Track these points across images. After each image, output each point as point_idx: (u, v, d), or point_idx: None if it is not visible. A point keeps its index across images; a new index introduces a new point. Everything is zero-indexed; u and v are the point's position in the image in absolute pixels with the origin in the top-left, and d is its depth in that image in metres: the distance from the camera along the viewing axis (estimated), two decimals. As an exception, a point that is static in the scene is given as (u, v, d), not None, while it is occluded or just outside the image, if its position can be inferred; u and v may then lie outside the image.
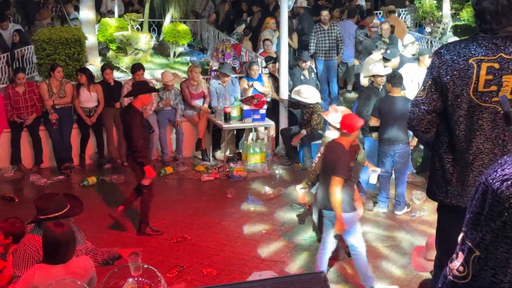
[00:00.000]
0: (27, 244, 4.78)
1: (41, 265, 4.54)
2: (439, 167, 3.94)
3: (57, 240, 4.50)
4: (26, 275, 4.56)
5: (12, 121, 10.37)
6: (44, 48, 12.04)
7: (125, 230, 8.18)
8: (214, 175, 10.35)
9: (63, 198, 5.00)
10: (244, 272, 7.13)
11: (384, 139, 8.64)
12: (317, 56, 13.37)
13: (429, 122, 3.92)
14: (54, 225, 4.57)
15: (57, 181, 10.08)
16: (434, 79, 3.82)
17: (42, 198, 5.03)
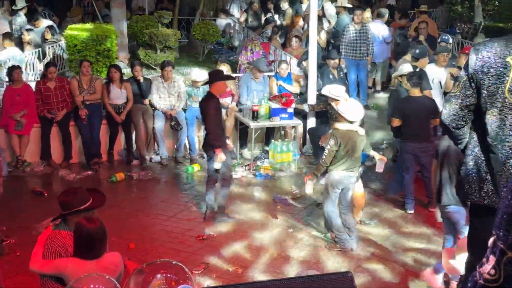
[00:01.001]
0: (54, 240, 4.79)
1: (75, 259, 4.60)
2: (472, 167, 3.88)
3: (91, 236, 4.55)
4: (59, 263, 4.62)
5: (43, 117, 10.48)
6: (75, 45, 12.16)
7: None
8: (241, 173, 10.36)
9: (85, 192, 5.00)
10: (270, 271, 7.13)
11: (407, 138, 8.69)
12: (347, 56, 13.31)
13: (461, 119, 3.88)
14: (87, 221, 4.61)
15: (86, 176, 10.17)
16: (469, 76, 3.77)
17: (64, 193, 5.04)
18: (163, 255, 7.35)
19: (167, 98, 10.91)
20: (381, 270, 7.17)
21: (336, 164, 7.36)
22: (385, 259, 7.45)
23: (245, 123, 10.72)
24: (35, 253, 4.78)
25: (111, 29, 12.82)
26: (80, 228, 4.60)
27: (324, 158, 7.35)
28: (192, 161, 10.85)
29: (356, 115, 7.29)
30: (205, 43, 15.46)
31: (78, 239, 4.62)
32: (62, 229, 4.88)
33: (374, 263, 7.34)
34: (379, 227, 8.34)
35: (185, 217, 8.65)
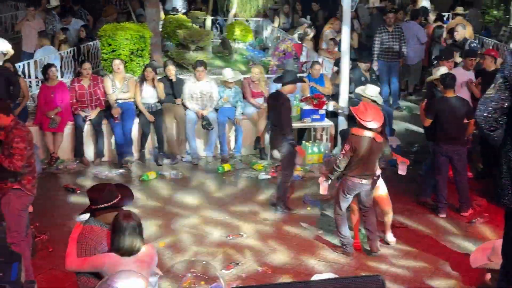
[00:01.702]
0: (87, 236, 4.84)
1: (112, 255, 4.66)
2: (506, 170, 3.83)
3: (130, 232, 4.63)
4: (96, 260, 4.67)
5: (77, 114, 10.61)
6: (109, 44, 12.27)
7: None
8: (272, 173, 10.35)
9: (114, 188, 5.04)
10: (299, 272, 7.13)
11: (441, 140, 8.59)
12: (380, 57, 13.24)
13: (495, 121, 3.83)
14: (124, 217, 4.67)
15: (118, 174, 10.26)
16: (505, 78, 3.72)
17: (93, 188, 5.08)
18: (192, 254, 7.40)
19: (199, 98, 10.96)
20: (410, 273, 7.12)
21: (349, 170, 7.26)
22: (414, 262, 7.39)
23: (277, 124, 10.71)
24: (69, 253, 4.82)
25: (145, 29, 12.92)
26: (117, 223, 4.65)
27: (338, 162, 7.29)
28: (223, 161, 10.87)
29: (374, 122, 7.11)
30: (237, 43, 15.50)
31: (114, 235, 4.68)
32: (93, 224, 4.92)
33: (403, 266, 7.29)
34: (409, 231, 8.27)
35: (215, 216, 8.68)
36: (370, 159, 7.21)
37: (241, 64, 14.97)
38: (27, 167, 6.41)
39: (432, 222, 8.57)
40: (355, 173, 7.23)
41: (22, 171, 6.37)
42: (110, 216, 4.87)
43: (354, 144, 7.14)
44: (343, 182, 7.36)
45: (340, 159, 7.27)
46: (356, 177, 7.23)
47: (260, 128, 11.05)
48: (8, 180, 6.41)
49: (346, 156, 7.19)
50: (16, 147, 6.22)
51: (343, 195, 7.38)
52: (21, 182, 6.42)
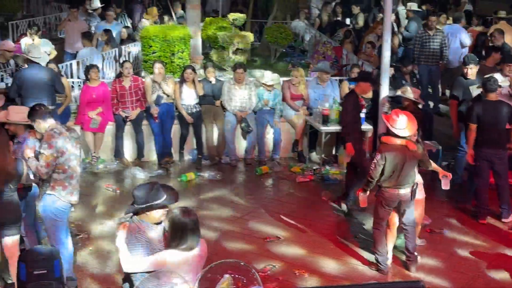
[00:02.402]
0: (138, 236, 4.84)
1: (173, 252, 4.73)
2: None
3: (191, 228, 4.73)
4: (156, 259, 4.72)
5: (117, 115, 10.73)
6: (150, 45, 12.40)
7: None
8: (310, 177, 10.34)
9: (160, 188, 5.05)
10: (336, 276, 7.10)
11: (483, 144, 8.46)
12: (421, 61, 13.11)
13: None
14: (183, 213, 4.77)
15: (157, 175, 10.34)
16: None
17: (140, 187, 5.08)
18: (230, 256, 7.39)
19: (238, 100, 10.99)
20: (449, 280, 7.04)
21: (384, 180, 7.00)
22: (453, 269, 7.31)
23: (315, 127, 10.69)
24: (124, 254, 4.82)
25: (185, 31, 13.02)
26: (177, 220, 4.73)
27: (371, 172, 7.02)
28: (261, 163, 10.88)
29: (406, 129, 6.87)
30: (277, 46, 15.51)
31: (174, 232, 4.74)
32: (138, 222, 4.94)
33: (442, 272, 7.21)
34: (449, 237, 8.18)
35: (253, 219, 8.70)
36: (405, 168, 6.90)
37: (280, 67, 14.97)
38: (61, 173, 6.41)
39: (472, 228, 8.45)
40: (391, 184, 6.97)
41: (54, 177, 6.40)
42: (153, 215, 4.92)
43: (385, 153, 6.90)
44: (380, 194, 7.11)
45: (372, 169, 7.01)
46: (392, 188, 6.98)
47: (298, 131, 11.06)
48: (44, 184, 6.51)
49: (378, 165, 6.92)
50: (42, 153, 6.28)
51: (381, 208, 7.15)
52: (54, 188, 6.44)
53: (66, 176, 6.45)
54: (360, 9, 17.64)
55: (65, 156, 6.38)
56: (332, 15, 17.67)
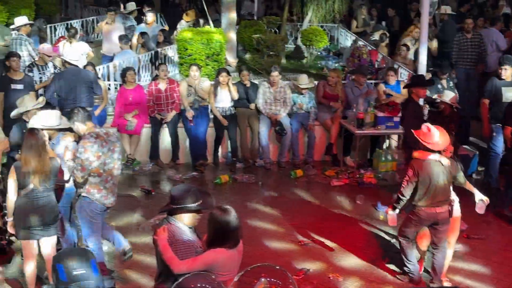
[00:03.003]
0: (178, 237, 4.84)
1: (221, 250, 4.81)
2: None
3: (233, 225, 4.83)
4: (207, 258, 4.78)
5: (153, 117, 10.82)
6: (186, 48, 12.48)
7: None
8: (344, 180, 10.30)
9: (198, 192, 5.07)
10: (370, 281, 7.06)
11: None
12: (458, 65, 12.96)
13: None
14: (224, 211, 4.86)
15: (191, 177, 10.41)
16: None
17: (179, 188, 5.10)
18: (264, 259, 7.41)
19: (273, 103, 11.01)
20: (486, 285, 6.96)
21: (419, 199, 6.64)
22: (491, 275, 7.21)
23: (350, 130, 10.65)
24: (171, 257, 4.81)
25: (220, 34, 13.07)
26: (220, 219, 4.82)
27: (402, 189, 6.68)
28: (296, 166, 10.88)
29: (439, 143, 6.52)
30: (312, 49, 15.49)
31: (218, 230, 4.82)
32: (174, 223, 4.94)
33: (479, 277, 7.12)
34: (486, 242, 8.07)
35: (287, 222, 8.69)
36: (440, 185, 6.53)
37: (315, 70, 14.95)
38: (96, 177, 6.50)
39: (510, 233, 8.33)
40: (428, 202, 6.60)
41: (89, 180, 6.50)
42: (186, 218, 4.96)
43: (417, 169, 6.56)
44: (416, 213, 6.70)
45: (404, 186, 6.67)
46: (429, 206, 6.60)
47: (332, 134, 11.03)
48: (80, 186, 6.60)
49: (410, 182, 6.61)
50: (78, 157, 6.41)
51: (414, 226, 6.80)
52: (90, 190, 6.54)
53: (101, 180, 6.54)
54: (396, 12, 17.50)
55: (101, 160, 6.47)
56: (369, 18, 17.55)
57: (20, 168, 6.25)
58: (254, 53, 14.37)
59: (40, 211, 6.33)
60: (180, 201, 4.93)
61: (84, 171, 6.42)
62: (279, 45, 14.25)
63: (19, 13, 14.34)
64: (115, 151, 6.62)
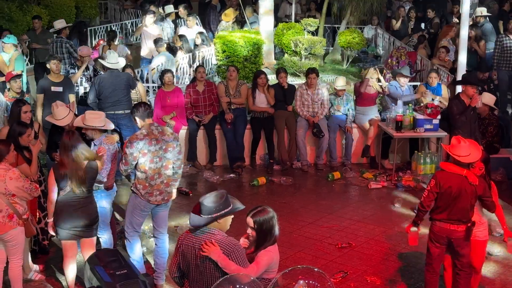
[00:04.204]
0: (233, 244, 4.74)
1: (274, 247, 4.94)
2: None
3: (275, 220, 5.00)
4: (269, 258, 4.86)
5: (191, 119, 10.88)
6: (224, 50, 12.52)
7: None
8: (382, 183, 10.23)
9: (229, 197, 4.92)
10: (409, 284, 6.99)
11: None
12: (501, 66, 12.75)
13: None
14: (263, 211, 4.98)
15: (229, 179, 10.44)
16: None
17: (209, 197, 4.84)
18: (302, 261, 7.42)
19: (310, 105, 10.98)
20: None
21: (435, 212, 6.28)
22: None
23: (388, 133, 10.56)
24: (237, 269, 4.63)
25: (258, 36, 13.09)
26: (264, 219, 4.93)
27: (422, 199, 6.36)
28: (333, 169, 10.84)
29: (467, 157, 6.09)
30: (349, 51, 15.41)
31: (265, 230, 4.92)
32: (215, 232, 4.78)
33: None
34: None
35: (324, 224, 8.67)
36: (460, 202, 6.11)
37: (353, 72, 14.87)
38: (142, 173, 6.60)
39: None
40: (442, 216, 6.21)
41: (137, 176, 6.64)
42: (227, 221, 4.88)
43: (439, 180, 6.17)
44: (430, 227, 6.38)
45: (424, 196, 6.32)
46: (443, 221, 6.21)
47: (370, 136, 10.95)
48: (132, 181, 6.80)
49: (431, 193, 6.22)
50: (125, 150, 6.56)
51: (431, 243, 6.39)
52: (136, 185, 6.68)
53: (147, 177, 6.62)
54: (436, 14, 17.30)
55: (146, 157, 6.55)
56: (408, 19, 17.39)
57: (57, 169, 6.35)
58: (292, 55, 14.36)
59: (80, 212, 6.41)
60: (219, 208, 4.77)
61: (127, 165, 6.57)
62: (316, 47, 14.21)
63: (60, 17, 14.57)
64: (168, 150, 6.68)
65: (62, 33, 12.72)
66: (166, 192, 6.80)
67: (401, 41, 15.53)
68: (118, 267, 4.28)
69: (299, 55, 14.21)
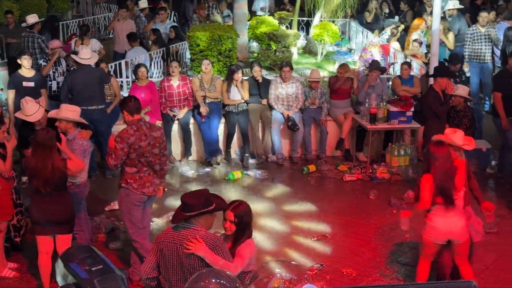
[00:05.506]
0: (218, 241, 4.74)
1: (252, 240, 4.96)
2: None
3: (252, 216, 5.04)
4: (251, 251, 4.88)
5: (165, 114, 10.82)
6: (198, 44, 12.48)
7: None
8: (357, 175, 10.28)
9: (211, 196, 4.90)
10: (384, 275, 7.06)
11: None
12: (471, 59, 12.89)
13: None
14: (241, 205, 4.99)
15: (204, 173, 10.42)
16: None
17: (192, 195, 4.86)
18: (278, 254, 7.45)
19: (285, 98, 10.99)
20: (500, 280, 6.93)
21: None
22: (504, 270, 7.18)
23: (363, 126, 10.61)
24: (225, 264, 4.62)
25: (232, 30, 13.06)
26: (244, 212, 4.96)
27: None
28: (308, 162, 10.87)
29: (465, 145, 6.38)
30: (323, 44, 15.45)
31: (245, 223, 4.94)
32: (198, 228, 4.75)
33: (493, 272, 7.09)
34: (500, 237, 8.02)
35: (300, 217, 8.70)
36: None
37: (327, 65, 14.91)
38: (133, 167, 6.59)
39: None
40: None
41: (126, 171, 6.60)
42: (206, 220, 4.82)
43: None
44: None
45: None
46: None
47: (344, 129, 10.99)
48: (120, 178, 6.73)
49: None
50: (115, 145, 6.49)
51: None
52: (127, 181, 6.64)
53: (137, 171, 6.63)
54: (409, 7, 17.42)
55: (137, 152, 6.54)
56: (380, 12, 17.48)
57: (27, 164, 6.33)
58: (266, 49, 14.36)
59: (53, 208, 6.37)
60: (199, 206, 4.74)
61: (117, 161, 6.53)
62: (290, 41, 14.22)
63: (31, 11, 14.41)
64: (156, 146, 6.67)
65: (35, 28, 12.58)
66: (155, 184, 6.80)
67: (374, 33, 15.61)
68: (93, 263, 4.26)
69: (273, 49, 14.21)
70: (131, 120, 6.60)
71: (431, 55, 11.05)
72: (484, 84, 13.05)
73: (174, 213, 4.90)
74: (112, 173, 10.14)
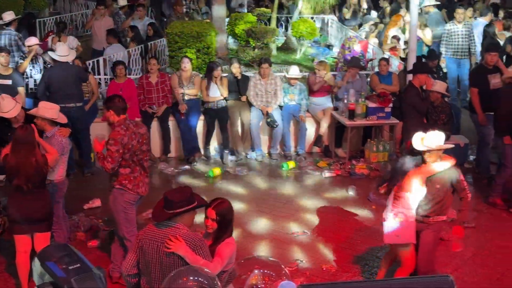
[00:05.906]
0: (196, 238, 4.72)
1: (232, 239, 4.98)
2: None
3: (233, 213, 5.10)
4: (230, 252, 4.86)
5: (144, 111, 10.78)
6: (176, 41, 12.44)
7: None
8: (336, 171, 10.31)
9: (194, 194, 4.90)
10: (364, 271, 7.09)
11: None
12: (448, 54, 12.99)
13: None
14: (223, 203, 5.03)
15: (183, 170, 10.40)
16: None
17: (175, 193, 4.84)
18: (257, 251, 7.45)
19: (264, 95, 10.99)
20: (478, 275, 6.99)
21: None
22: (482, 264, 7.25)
23: (341, 122, 10.65)
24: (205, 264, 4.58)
25: (211, 27, 13.04)
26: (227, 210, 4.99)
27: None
28: (287, 158, 10.88)
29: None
30: (302, 40, 15.47)
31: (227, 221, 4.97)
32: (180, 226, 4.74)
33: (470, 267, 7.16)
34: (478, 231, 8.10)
35: (280, 213, 8.71)
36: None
37: (306, 62, 14.94)
38: (126, 168, 6.51)
39: (502, 223, 8.38)
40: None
41: (120, 172, 6.50)
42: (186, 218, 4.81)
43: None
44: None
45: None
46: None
47: (323, 126, 11.02)
48: (111, 179, 6.61)
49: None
50: (109, 148, 6.38)
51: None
52: (122, 182, 6.56)
53: (131, 171, 6.57)
54: (388, 2, 17.51)
55: (130, 152, 6.48)
56: (359, 9, 17.55)
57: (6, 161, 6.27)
58: (245, 46, 14.35)
59: (33, 205, 6.33)
60: (181, 204, 4.73)
61: (114, 163, 6.40)
62: (269, 37, 14.23)
63: (8, 8, 14.25)
64: (143, 143, 6.64)
65: (12, 25, 12.45)
66: (145, 183, 6.77)
67: (352, 29, 15.67)
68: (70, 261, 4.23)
69: (252, 45, 14.21)
70: (118, 120, 6.48)
71: (409, 51, 11.10)
72: (461, 80, 13.16)
73: (153, 210, 4.86)
74: (90, 171, 10.09)
